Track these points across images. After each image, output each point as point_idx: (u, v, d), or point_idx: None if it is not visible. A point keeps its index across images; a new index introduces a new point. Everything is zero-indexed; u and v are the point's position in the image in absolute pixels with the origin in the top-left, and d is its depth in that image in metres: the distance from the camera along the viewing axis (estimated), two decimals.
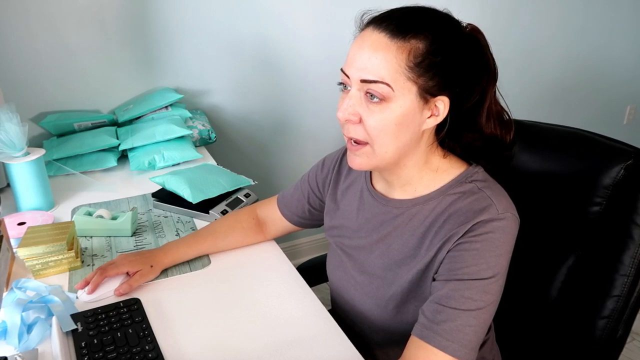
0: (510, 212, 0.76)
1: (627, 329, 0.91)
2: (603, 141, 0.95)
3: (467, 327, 0.71)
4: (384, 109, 0.74)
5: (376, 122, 0.75)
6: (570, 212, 0.94)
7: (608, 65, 2.85)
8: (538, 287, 0.98)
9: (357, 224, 0.92)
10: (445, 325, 0.72)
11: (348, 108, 0.76)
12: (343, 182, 0.98)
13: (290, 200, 1.08)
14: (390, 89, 0.73)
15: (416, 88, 0.73)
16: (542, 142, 1.02)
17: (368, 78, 0.73)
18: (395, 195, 0.86)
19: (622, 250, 0.89)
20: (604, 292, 0.90)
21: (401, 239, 0.84)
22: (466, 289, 0.73)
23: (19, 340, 0.80)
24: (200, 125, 1.70)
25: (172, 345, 0.81)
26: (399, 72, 0.72)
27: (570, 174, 0.95)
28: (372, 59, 0.73)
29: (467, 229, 0.75)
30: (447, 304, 0.73)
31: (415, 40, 0.72)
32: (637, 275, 0.88)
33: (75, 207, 1.28)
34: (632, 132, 3.11)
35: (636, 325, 0.91)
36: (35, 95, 1.64)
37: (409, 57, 0.72)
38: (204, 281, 0.99)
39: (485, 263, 0.73)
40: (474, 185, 0.80)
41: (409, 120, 0.75)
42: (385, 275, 0.85)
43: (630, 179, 0.88)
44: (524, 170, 0.81)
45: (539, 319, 0.98)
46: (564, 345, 0.96)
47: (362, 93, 0.75)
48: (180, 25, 1.78)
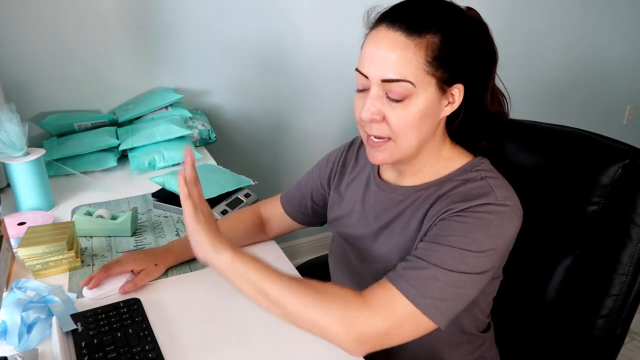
0: (511, 201, 0.77)
1: (626, 328, 0.91)
2: (601, 140, 0.95)
3: (432, 280, 0.71)
4: (407, 104, 0.75)
5: (400, 118, 0.76)
6: (569, 211, 0.95)
7: (608, 66, 2.85)
8: (537, 286, 0.98)
9: (360, 214, 0.92)
10: (411, 272, 0.72)
11: (371, 108, 0.77)
12: (349, 175, 0.98)
13: (294, 197, 1.08)
14: (412, 86, 0.74)
15: (435, 81, 0.75)
16: (540, 142, 1.03)
17: (390, 77, 0.74)
18: (404, 183, 0.87)
19: (620, 249, 0.89)
20: (602, 292, 0.90)
21: (403, 223, 0.85)
22: (444, 252, 0.73)
23: (19, 340, 0.80)
24: (200, 125, 1.70)
25: (172, 345, 0.81)
26: (419, 69, 0.73)
27: (568, 173, 0.96)
28: (391, 58, 0.73)
29: (464, 207, 0.76)
30: (421, 256, 0.74)
31: (431, 35, 0.74)
32: (635, 274, 0.88)
33: (75, 207, 1.28)
34: (632, 132, 3.11)
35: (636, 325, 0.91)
36: (35, 95, 1.64)
37: (427, 52, 0.73)
38: (204, 281, 0.99)
39: (471, 237, 0.73)
40: (478, 173, 0.81)
41: (431, 112, 0.77)
42: (388, 260, 0.86)
43: (628, 178, 0.88)
44: (523, 170, 0.82)
45: (538, 318, 0.99)
46: (563, 345, 0.96)
47: (383, 92, 0.76)
48: (180, 25, 1.78)
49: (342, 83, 2.10)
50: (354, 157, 1.00)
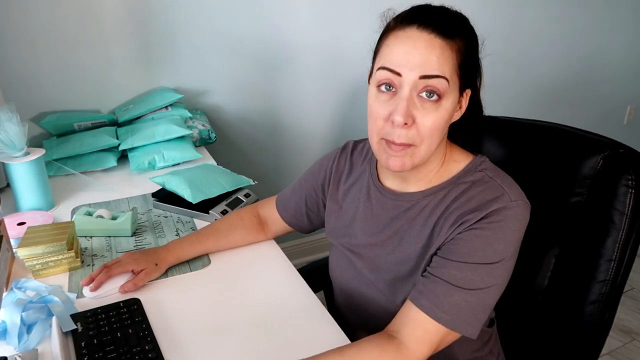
0: (521, 199, 0.78)
1: (613, 312, 0.94)
2: (580, 135, 1.00)
3: (464, 302, 0.74)
4: (438, 106, 0.75)
5: (431, 121, 0.75)
6: (554, 203, 0.98)
7: (608, 66, 2.86)
8: (527, 277, 1.00)
9: (364, 222, 0.91)
10: (443, 299, 0.74)
11: (407, 110, 0.74)
12: (344, 183, 0.97)
13: (289, 204, 1.07)
14: (447, 85, 0.74)
15: (459, 84, 0.76)
16: (521, 138, 1.07)
17: (431, 73, 0.73)
18: (409, 189, 0.87)
19: (605, 236, 0.92)
20: (591, 278, 0.93)
21: (414, 231, 0.84)
22: (469, 270, 0.75)
23: (19, 340, 0.80)
24: (200, 125, 1.71)
25: (172, 345, 0.81)
26: (453, 69, 0.75)
27: (551, 167, 1.00)
28: (431, 57, 0.73)
29: (481, 216, 0.76)
30: (449, 280, 0.75)
31: (459, 39, 0.75)
32: (621, 258, 0.91)
33: (75, 207, 1.28)
34: (632, 132, 3.11)
35: (636, 325, 0.91)
36: (35, 95, 1.64)
37: (458, 55, 0.75)
38: (204, 281, 0.99)
39: (492, 250, 0.75)
40: (484, 174, 0.82)
41: (451, 116, 0.78)
42: (399, 269, 0.86)
43: (609, 169, 0.92)
44: (505, 166, 0.84)
45: (530, 308, 1.01)
46: (554, 333, 0.99)
47: (416, 93, 0.75)
48: (180, 25, 1.78)
49: (342, 84, 2.11)
50: (347, 163, 0.98)
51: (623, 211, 0.90)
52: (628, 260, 0.91)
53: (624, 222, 0.90)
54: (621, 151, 0.92)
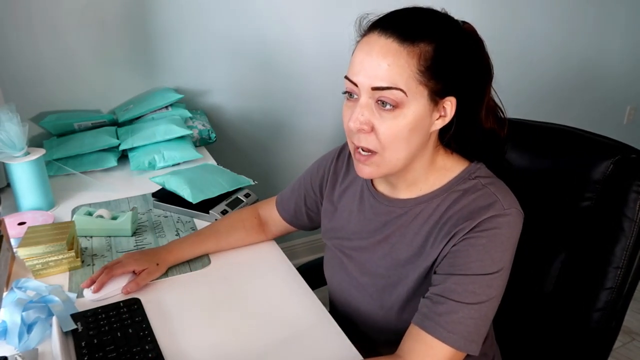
0: (514, 207, 0.77)
1: (621, 319, 0.93)
2: (591, 138, 0.97)
3: (468, 319, 0.73)
4: (397, 115, 0.73)
5: (389, 129, 0.74)
6: (562, 207, 0.96)
7: (608, 66, 2.86)
8: (533, 282, 0.99)
9: (357, 225, 0.91)
10: (447, 317, 0.73)
11: (360, 117, 0.74)
12: (340, 184, 0.97)
13: (288, 203, 1.07)
14: (404, 95, 0.72)
15: (427, 91, 0.73)
16: (532, 140, 1.04)
17: (381, 85, 0.72)
18: (400, 195, 0.86)
19: (614, 243, 0.90)
20: (598, 285, 0.91)
21: (406, 238, 0.84)
22: (470, 282, 0.74)
23: (19, 340, 0.80)
24: (200, 125, 1.71)
25: (172, 345, 0.81)
26: (411, 77, 0.71)
27: (561, 170, 0.97)
28: (382, 65, 0.71)
29: (473, 225, 0.75)
30: (450, 296, 0.74)
31: (424, 44, 0.72)
32: (629, 266, 0.89)
33: (75, 207, 1.28)
34: (632, 132, 3.11)
35: (636, 326, 0.91)
36: (35, 95, 1.64)
37: (420, 61, 0.71)
38: (204, 281, 0.99)
39: (490, 259, 0.74)
40: (477, 181, 0.80)
41: (421, 125, 0.75)
42: (389, 274, 0.85)
43: (619, 174, 0.90)
44: (515, 168, 0.83)
45: (535, 313, 1.00)
46: (559, 339, 0.97)
47: (373, 101, 0.74)
48: (180, 25, 1.78)
49: (342, 84, 2.10)
50: (344, 165, 0.98)
51: (632, 218, 0.87)
52: (636, 268, 0.89)
53: (633, 229, 0.88)
54: (633, 156, 0.90)
